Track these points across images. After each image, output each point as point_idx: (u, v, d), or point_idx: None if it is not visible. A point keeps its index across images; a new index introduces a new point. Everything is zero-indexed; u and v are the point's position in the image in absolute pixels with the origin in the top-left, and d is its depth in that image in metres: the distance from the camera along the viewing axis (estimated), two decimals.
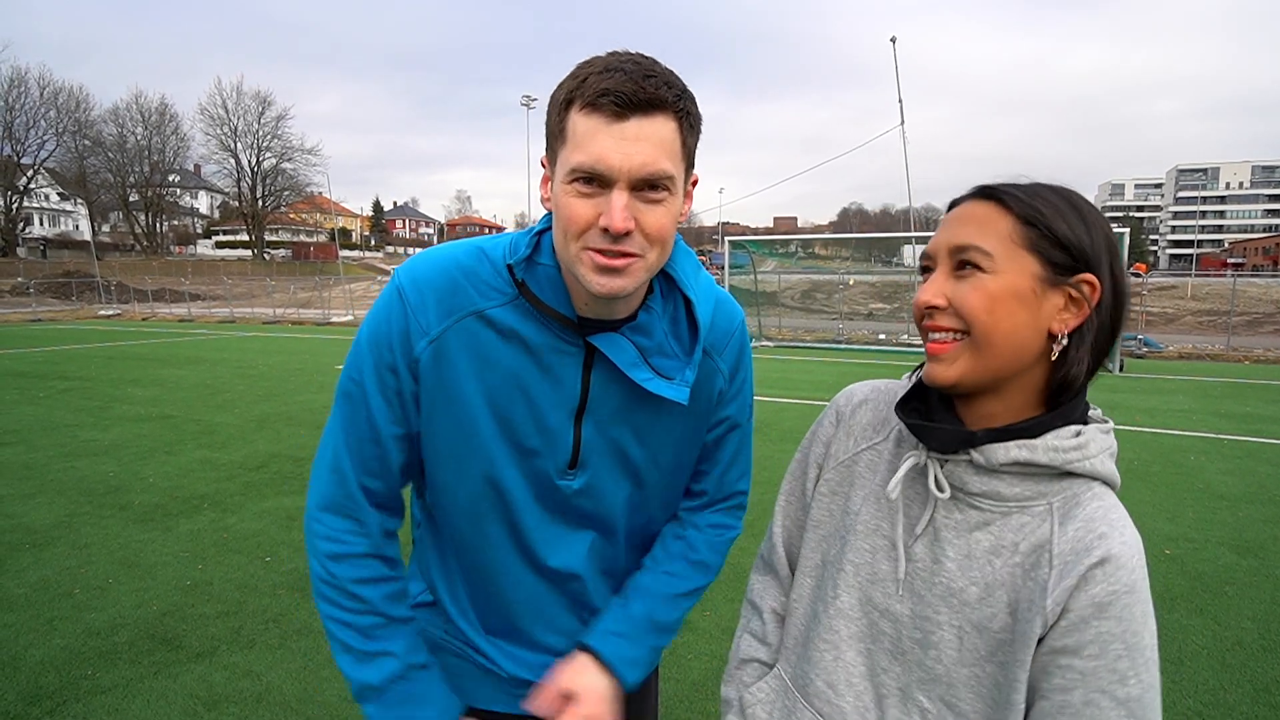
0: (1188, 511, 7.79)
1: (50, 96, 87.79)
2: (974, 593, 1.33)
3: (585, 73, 1.40)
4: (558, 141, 1.45)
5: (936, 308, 1.32)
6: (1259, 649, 4.96)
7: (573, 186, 1.41)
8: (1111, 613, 1.22)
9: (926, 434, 1.37)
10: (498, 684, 1.85)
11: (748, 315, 12.94)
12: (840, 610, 1.47)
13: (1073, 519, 1.29)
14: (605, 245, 1.42)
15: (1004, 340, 1.29)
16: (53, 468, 9.55)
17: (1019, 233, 1.30)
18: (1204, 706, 4.34)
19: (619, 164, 1.37)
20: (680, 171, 1.47)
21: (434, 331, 1.59)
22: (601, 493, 1.75)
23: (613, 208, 1.39)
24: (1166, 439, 11.23)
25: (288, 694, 4.48)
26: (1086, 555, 1.24)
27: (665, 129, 1.41)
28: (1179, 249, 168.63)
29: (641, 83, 1.37)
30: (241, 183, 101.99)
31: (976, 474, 1.34)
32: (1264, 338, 30.95)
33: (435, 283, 1.61)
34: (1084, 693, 1.22)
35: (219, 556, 6.57)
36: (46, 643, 5.03)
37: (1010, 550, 1.32)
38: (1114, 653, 1.21)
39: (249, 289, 59.91)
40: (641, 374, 1.59)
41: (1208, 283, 49.58)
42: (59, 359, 22.69)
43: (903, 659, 1.41)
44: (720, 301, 1.79)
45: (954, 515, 1.37)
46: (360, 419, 1.64)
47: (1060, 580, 1.25)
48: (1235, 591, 5.84)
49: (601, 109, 1.37)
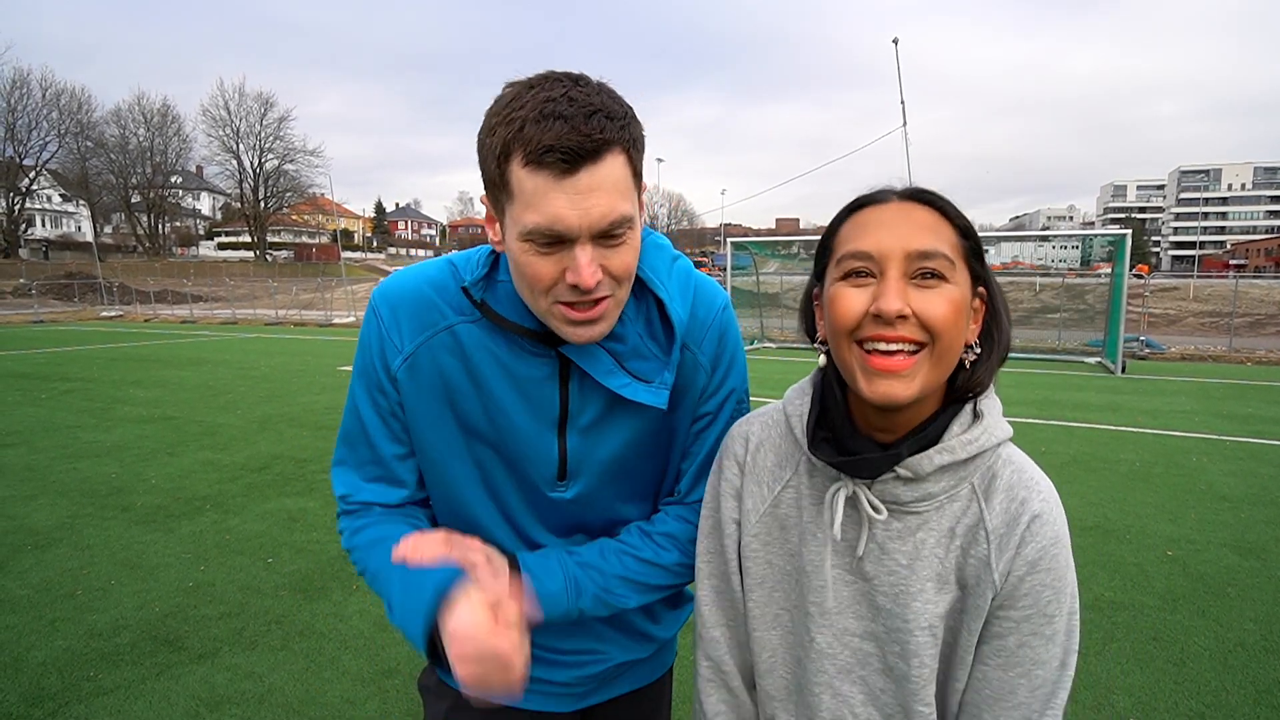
0: (1190, 513, 7.78)
1: (52, 98, 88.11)
2: (931, 588, 1.37)
3: (518, 117, 1.32)
4: (501, 194, 1.39)
5: (904, 317, 1.26)
6: (1261, 650, 4.95)
7: (529, 245, 1.37)
8: (1042, 565, 1.32)
9: (855, 467, 1.35)
10: None
11: (750, 317, 12.97)
12: (821, 651, 1.46)
13: (995, 492, 1.36)
14: (576, 298, 1.40)
15: (956, 353, 1.32)
16: (55, 469, 9.56)
17: (960, 244, 1.32)
18: (1206, 708, 4.33)
19: (577, 222, 1.33)
20: (636, 203, 1.44)
21: (407, 349, 1.62)
22: (593, 501, 1.74)
23: (580, 266, 1.36)
24: (1169, 440, 11.22)
25: (290, 695, 4.48)
26: (1016, 524, 1.33)
27: (615, 169, 1.35)
28: (1181, 250, 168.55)
29: (584, 127, 1.30)
30: (244, 184, 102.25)
31: (906, 486, 1.36)
32: (1266, 339, 30.91)
33: (407, 300, 1.63)
34: (1018, 637, 1.33)
35: (221, 558, 6.57)
36: (48, 644, 5.03)
37: (949, 537, 1.37)
38: (1044, 599, 1.32)
39: (251, 290, 60.06)
40: (618, 381, 1.58)
41: (1210, 284, 49.50)
42: (61, 360, 22.75)
43: (892, 676, 1.42)
44: (699, 291, 1.74)
45: (892, 525, 1.39)
46: (362, 444, 1.71)
47: (1001, 553, 1.33)
48: (1237, 593, 5.83)
49: (548, 166, 1.30)
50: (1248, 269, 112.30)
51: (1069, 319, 30.48)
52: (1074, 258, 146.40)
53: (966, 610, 1.36)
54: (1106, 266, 34.32)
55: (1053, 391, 16.18)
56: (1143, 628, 5.26)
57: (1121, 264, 21.02)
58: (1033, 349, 25.31)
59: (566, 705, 1.89)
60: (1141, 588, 5.92)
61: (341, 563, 6.41)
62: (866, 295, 1.29)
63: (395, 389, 1.64)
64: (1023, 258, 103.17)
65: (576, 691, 1.89)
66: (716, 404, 1.78)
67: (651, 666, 2.02)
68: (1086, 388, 16.84)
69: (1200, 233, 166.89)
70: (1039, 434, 11.55)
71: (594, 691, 1.92)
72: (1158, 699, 4.41)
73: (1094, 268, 65.22)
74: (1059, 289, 34.88)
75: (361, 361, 1.68)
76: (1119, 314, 19.98)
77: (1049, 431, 11.78)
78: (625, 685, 1.97)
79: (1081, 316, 30.60)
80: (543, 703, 1.87)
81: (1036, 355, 23.94)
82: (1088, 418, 12.97)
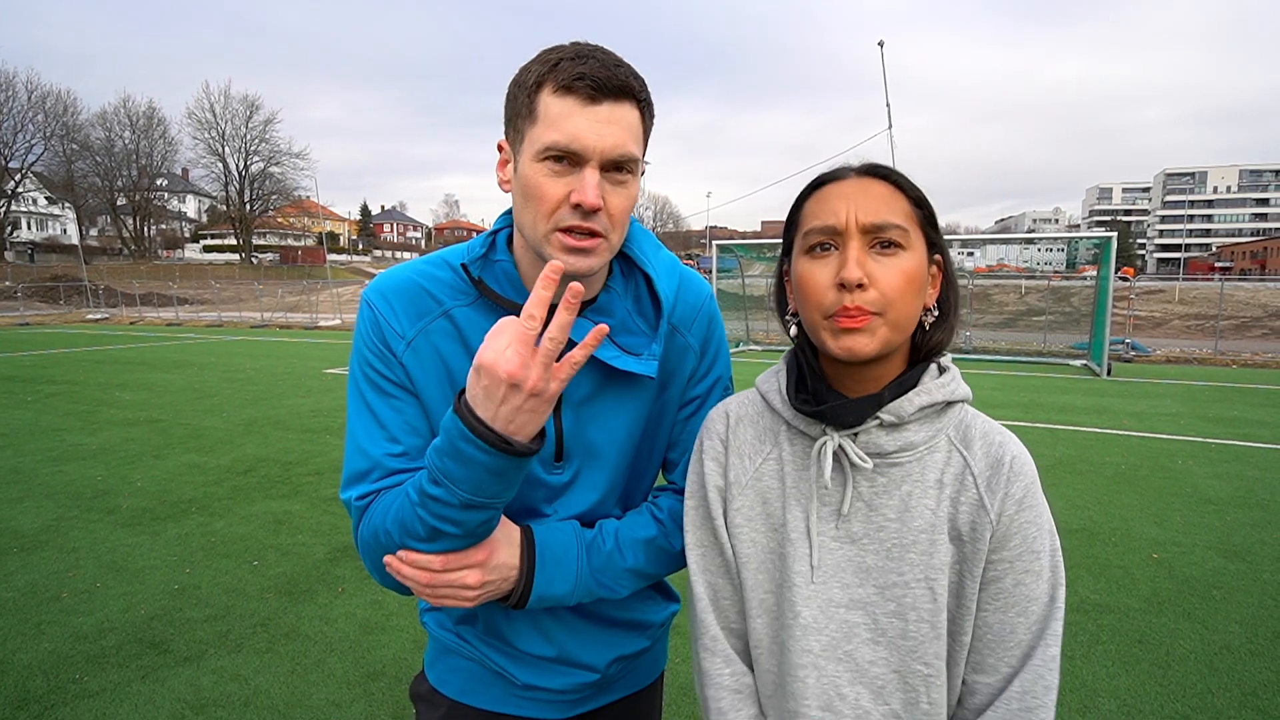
0: (1175, 515, 7.81)
1: (38, 100, 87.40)
2: (924, 540, 1.41)
3: (555, 57, 1.46)
4: (525, 121, 1.49)
5: (862, 286, 1.33)
6: (1246, 653, 4.97)
7: (544, 165, 1.46)
8: (1027, 503, 1.40)
9: (839, 412, 1.42)
10: (508, 688, 1.85)
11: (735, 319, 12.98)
12: (806, 627, 1.46)
13: (973, 440, 1.45)
14: (575, 223, 1.47)
15: (911, 317, 1.40)
16: (41, 472, 9.53)
17: (914, 213, 1.41)
18: (1191, 710, 4.34)
19: (593, 144, 1.43)
20: (641, 156, 1.54)
21: (409, 334, 1.64)
22: (590, 483, 1.75)
23: (585, 184, 1.44)
24: (1154, 443, 11.25)
25: (275, 698, 4.47)
26: (1000, 465, 1.41)
27: (631, 115, 1.49)
28: (1167, 253, 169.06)
29: (613, 70, 1.45)
30: (229, 187, 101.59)
31: (889, 433, 1.43)
32: (1252, 342, 31.06)
33: (401, 291, 1.66)
34: (1014, 577, 1.39)
35: (207, 560, 6.56)
36: (34, 647, 5.01)
37: (937, 488, 1.43)
38: (1031, 535, 1.39)
39: (237, 293, 59.89)
40: (608, 353, 1.61)
41: (1195, 287, 49.63)
42: (47, 363, 22.66)
43: (884, 640, 1.43)
44: (685, 277, 1.83)
45: (877, 480, 1.44)
46: (377, 441, 1.65)
47: (993, 493, 1.40)
48: (1223, 595, 5.85)
49: (576, 91, 1.43)
50: (1233, 272, 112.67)
51: (1054, 321, 30.62)
52: (1059, 260, 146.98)
53: (966, 559, 1.41)
54: (1092, 269, 34.46)
55: (1038, 394, 16.24)
56: (1128, 630, 5.27)
57: (1107, 266, 21.09)
58: (1018, 351, 25.45)
59: (559, 713, 1.89)
60: (1127, 590, 5.94)
61: (327, 565, 6.40)
62: (830, 269, 1.37)
63: (401, 367, 1.64)
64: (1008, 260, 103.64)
65: (571, 698, 1.88)
66: (705, 388, 1.84)
67: (644, 670, 2.02)
68: (1072, 390, 16.89)
69: (1186, 235, 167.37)
70: (1024, 436, 11.32)
71: (589, 698, 1.92)
72: (1143, 701, 4.43)
73: (1079, 270, 65.41)
74: (1044, 292, 35.10)
75: (360, 355, 1.67)
76: (1104, 316, 20.03)
77: (1034, 434, 11.80)
78: (619, 691, 1.97)
79: (1067, 319, 30.77)
80: (535, 709, 1.87)
81: (1022, 358, 24.05)
82: (1073, 420, 13.02)
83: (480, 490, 1.39)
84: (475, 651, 1.84)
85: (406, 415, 1.66)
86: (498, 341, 1.31)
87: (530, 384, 1.29)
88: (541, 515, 1.74)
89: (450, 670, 1.89)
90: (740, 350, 26.55)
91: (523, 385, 1.29)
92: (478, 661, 1.85)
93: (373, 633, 5.25)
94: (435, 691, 1.90)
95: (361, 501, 1.62)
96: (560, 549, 1.66)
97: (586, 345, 1.32)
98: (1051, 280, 39.24)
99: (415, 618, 5.40)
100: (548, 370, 1.31)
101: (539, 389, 1.31)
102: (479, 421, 1.33)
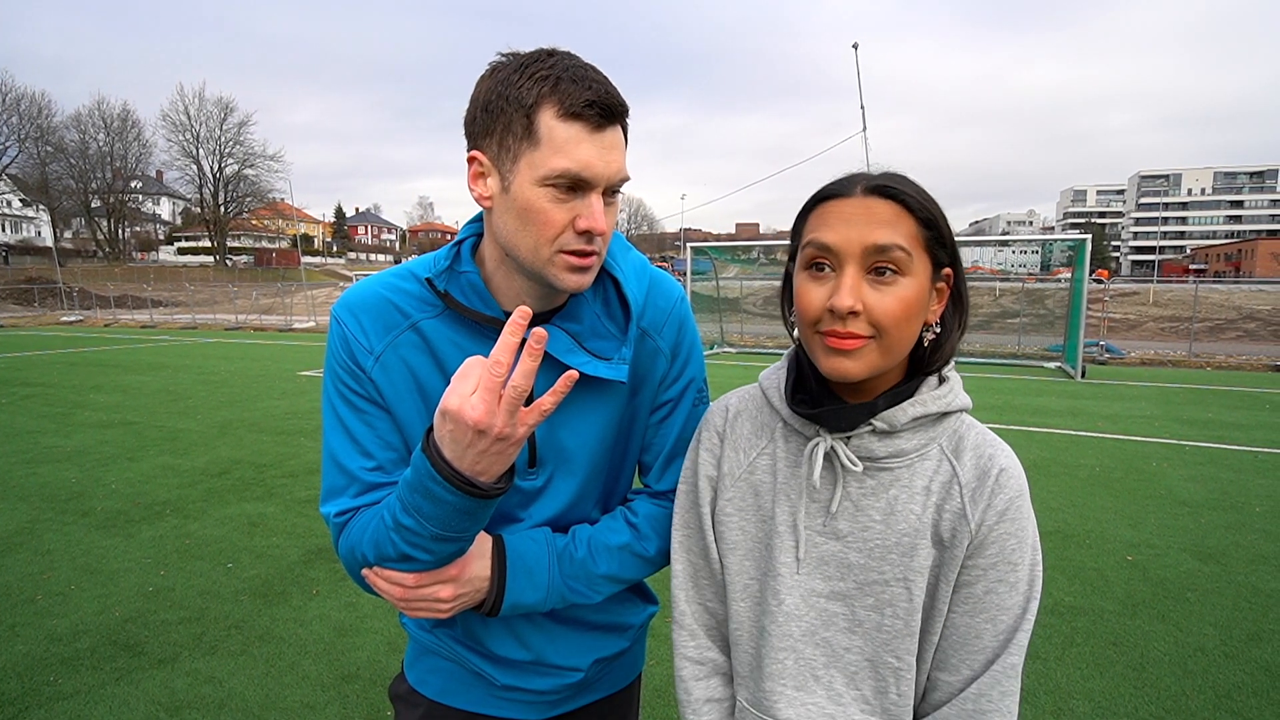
0: (1150, 518, 7.86)
1: (13, 103, 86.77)
2: (906, 543, 1.43)
3: (548, 74, 1.43)
4: (522, 143, 1.45)
5: (855, 314, 1.33)
6: (1220, 655, 5.00)
7: (549, 190, 1.44)
8: (1009, 515, 1.40)
9: (833, 417, 1.43)
10: (488, 688, 1.86)
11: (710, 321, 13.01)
12: (789, 614, 1.50)
13: (964, 450, 1.46)
14: (580, 246, 1.48)
15: (906, 341, 1.40)
16: (14, 474, 9.47)
17: (920, 235, 1.37)
18: (1165, 712, 4.37)
19: (601, 171, 1.44)
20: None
21: (377, 349, 1.64)
22: (563, 488, 1.75)
23: (594, 211, 1.46)
24: (1128, 445, 11.32)
25: (250, 700, 4.45)
26: (987, 477, 1.42)
27: (622, 137, 1.51)
28: (1141, 255, 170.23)
29: (612, 93, 1.46)
30: (204, 189, 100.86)
31: (880, 439, 1.44)
32: (1226, 344, 31.27)
33: (368, 305, 1.66)
34: (985, 584, 1.41)
35: (181, 563, 6.52)
36: (8, 649, 4.99)
37: (924, 494, 1.44)
38: (1009, 547, 1.40)
39: (211, 295, 59.67)
40: (578, 359, 1.61)
41: (1170, 289, 49.98)
42: (21, 365, 22.50)
43: (861, 630, 1.47)
44: (655, 280, 1.83)
45: (866, 483, 1.46)
46: (352, 455, 1.66)
47: (976, 504, 1.41)
48: (1197, 598, 5.88)
49: (585, 119, 1.42)
50: (1207, 274, 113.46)
51: (1029, 324, 30.72)
52: (1034, 262, 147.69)
53: (944, 564, 1.43)
54: (1066, 271, 34.61)
55: (1012, 396, 16.32)
56: (1102, 633, 5.30)
57: (1081, 269, 21.19)
58: (992, 353, 25.53)
59: (539, 713, 1.90)
60: (1101, 593, 5.97)
61: (302, 568, 6.38)
62: (825, 290, 1.36)
63: (371, 382, 1.64)
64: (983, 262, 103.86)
65: (551, 699, 1.89)
66: (678, 391, 1.84)
67: (623, 671, 2.03)
68: (1046, 393, 16.97)
69: (1160, 238, 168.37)
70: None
71: (569, 699, 1.92)
72: (1117, 704, 4.45)
73: (1054, 273, 65.78)
74: (1019, 294, 35.09)
75: (332, 371, 1.68)
76: (1079, 319, 20.17)
77: (1009, 436, 11.74)
78: (598, 692, 1.98)
79: (1041, 321, 30.85)
80: (514, 710, 1.87)
81: (996, 360, 24.15)
82: (1048, 423, 13.09)
83: (449, 526, 1.42)
84: (454, 653, 1.84)
85: (379, 429, 1.67)
86: (464, 386, 1.32)
87: (496, 430, 1.30)
88: (515, 520, 1.75)
89: (430, 670, 1.90)
90: (714, 353, 26.54)
91: (489, 432, 1.30)
92: (457, 662, 1.85)
93: (347, 635, 5.23)
94: (414, 691, 1.91)
95: (340, 519, 1.64)
96: (532, 558, 1.67)
97: (556, 392, 1.33)
98: (1026, 282, 39.29)
99: (389, 620, 5.42)
100: (513, 416, 1.31)
101: (505, 434, 1.32)
102: (445, 463, 1.35)
